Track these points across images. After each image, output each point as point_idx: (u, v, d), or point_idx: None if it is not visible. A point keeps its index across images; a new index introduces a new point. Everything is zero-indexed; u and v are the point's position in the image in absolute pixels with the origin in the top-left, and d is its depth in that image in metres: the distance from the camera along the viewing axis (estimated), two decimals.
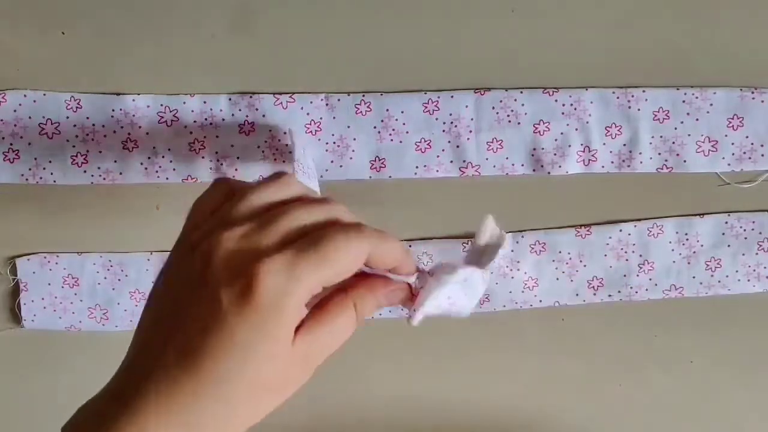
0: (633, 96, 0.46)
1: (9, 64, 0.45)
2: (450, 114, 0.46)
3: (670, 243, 0.48)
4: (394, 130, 0.46)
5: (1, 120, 0.44)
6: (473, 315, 0.35)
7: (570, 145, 0.46)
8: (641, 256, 0.48)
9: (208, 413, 0.26)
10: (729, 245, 0.48)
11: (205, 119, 0.45)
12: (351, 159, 0.46)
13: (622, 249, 0.48)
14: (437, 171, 0.47)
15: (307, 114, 0.46)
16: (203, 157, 0.46)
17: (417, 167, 0.46)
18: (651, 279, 0.49)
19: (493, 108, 0.46)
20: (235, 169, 0.46)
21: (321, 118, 0.46)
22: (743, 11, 0.46)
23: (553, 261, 0.48)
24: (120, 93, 0.45)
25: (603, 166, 0.47)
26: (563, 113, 0.46)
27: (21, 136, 0.45)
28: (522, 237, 0.48)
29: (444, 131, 0.46)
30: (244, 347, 0.26)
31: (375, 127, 0.46)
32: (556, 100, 0.46)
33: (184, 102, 0.45)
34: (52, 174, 0.45)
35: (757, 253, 0.49)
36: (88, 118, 0.45)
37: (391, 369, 0.50)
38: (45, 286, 0.47)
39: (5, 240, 0.47)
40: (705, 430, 0.52)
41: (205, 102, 0.45)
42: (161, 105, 0.45)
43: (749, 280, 0.49)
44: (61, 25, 0.44)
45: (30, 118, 0.45)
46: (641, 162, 0.47)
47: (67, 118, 0.45)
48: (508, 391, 0.50)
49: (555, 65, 0.46)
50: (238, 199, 0.28)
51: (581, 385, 0.50)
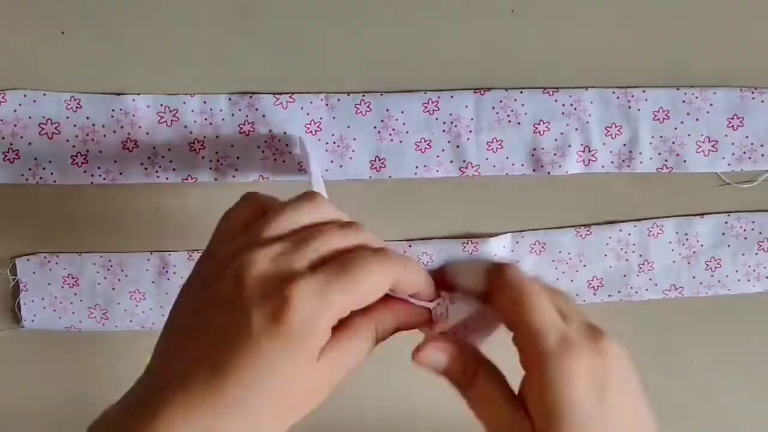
0: (633, 96, 0.46)
1: (9, 64, 0.45)
2: (450, 114, 0.46)
3: (670, 243, 0.48)
4: (394, 130, 0.46)
5: (1, 120, 0.44)
6: None
7: (570, 145, 0.46)
8: (641, 256, 0.48)
9: (232, 429, 0.26)
10: (729, 245, 0.48)
11: (205, 119, 0.45)
12: (351, 159, 0.46)
13: (622, 249, 0.48)
14: (437, 171, 0.47)
15: (307, 114, 0.46)
16: (203, 157, 0.46)
17: (417, 167, 0.46)
18: (651, 279, 0.49)
19: (493, 108, 0.46)
20: (235, 169, 0.46)
21: (321, 118, 0.46)
22: (743, 11, 0.46)
23: (553, 261, 0.48)
24: (120, 93, 0.45)
25: (603, 166, 0.47)
26: (563, 113, 0.46)
27: (21, 136, 0.45)
28: (522, 237, 0.48)
29: (444, 131, 0.46)
30: (271, 367, 0.26)
31: (375, 127, 0.46)
32: (556, 100, 0.46)
33: (184, 102, 0.45)
34: (52, 174, 0.45)
35: (757, 253, 0.49)
36: (88, 118, 0.45)
37: (391, 369, 0.50)
38: (45, 286, 0.47)
39: (5, 240, 0.47)
40: (705, 430, 0.51)
41: (205, 102, 0.45)
42: (161, 105, 0.45)
43: (749, 280, 0.49)
44: (61, 25, 0.44)
45: (30, 118, 0.45)
46: (641, 162, 0.47)
47: (67, 118, 0.45)
48: None
49: (555, 65, 0.46)
50: (270, 218, 0.29)
51: None
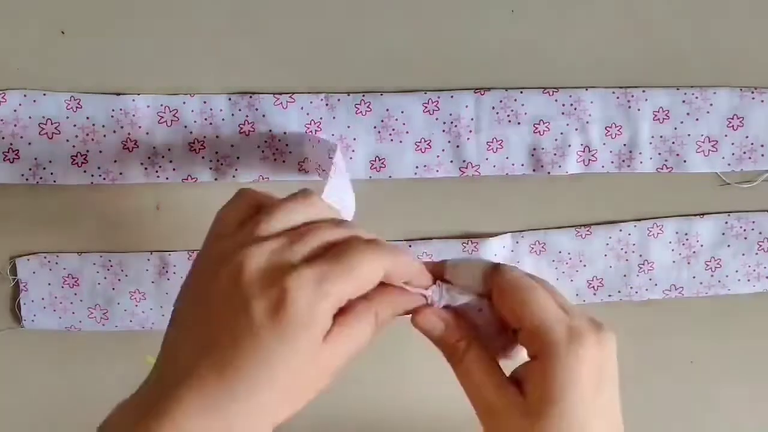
0: (633, 96, 0.46)
1: (9, 64, 0.45)
2: (450, 114, 0.46)
3: (670, 243, 0.48)
4: (394, 130, 0.46)
5: (1, 120, 0.44)
6: None
7: (570, 145, 0.46)
8: (641, 256, 0.48)
9: (238, 417, 0.27)
10: (729, 245, 0.48)
11: (205, 119, 0.45)
12: (351, 159, 0.46)
13: (622, 249, 0.48)
14: (437, 171, 0.47)
15: (307, 114, 0.46)
16: (203, 157, 0.46)
17: (417, 167, 0.46)
18: (651, 279, 0.49)
19: (493, 108, 0.46)
20: (235, 169, 0.46)
21: (321, 118, 0.46)
22: (743, 11, 0.46)
23: (553, 261, 0.48)
24: (120, 93, 0.45)
25: (603, 166, 0.47)
26: (563, 113, 0.46)
27: (21, 136, 0.45)
28: (522, 237, 0.48)
29: (444, 131, 0.46)
30: (274, 358, 0.27)
31: (375, 127, 0.46)
32: (556, 100, 0.46)
33: (184, 102, 0.45)
34: (52, 174, 0.45)
35: (757, 253, 0.49)
36: (88, 118, 0.45)
37: (391, 369, 0.50)
38: (45, 286, 0.47)
39: (5, 240, 0.47)
40: (705, 430, 0.51)
41: (205, 102, 0.45)
42: (161, 105, 0.45)
43: (749, 280, 0.49)
44: (61, 25, 0.44)
45: (30, 118, 0.45)
46: (641, 162, 0.47)
47: (67, 118, 0.45)
48: None
49: (555, 65, 0.46)
50: (266, 215, 0.30)
51: None
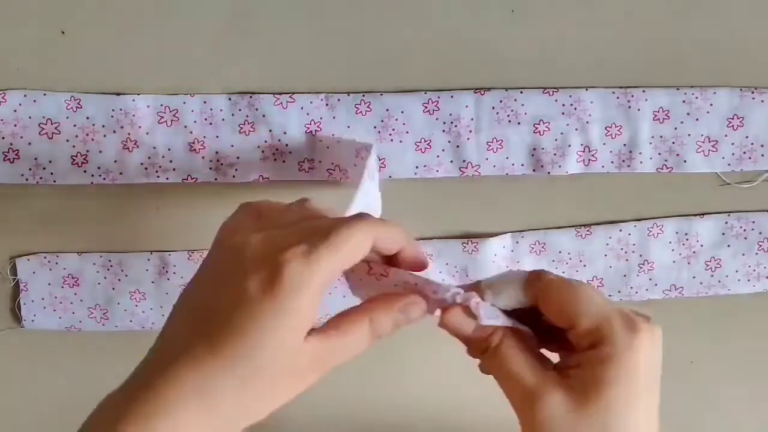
0: (633, 96, 0.46)
1: (9, 64, 0.45)
2: (450, 114, 0.46)
3: (670, 243, 0.48)
4: (394, 130, 0.46)
5: (1, 120, 0.44)
6: None
7: (570, 145, 0.46)
8: (641, 256, 0.48)
9: (227, 391, 0.28)
10: (729, 245, 0.48)
11: (205, 119, 0.45)
12: None
13: (622, 249, 0.48)
14: (437, 171, 0.47)
15: (307, 114, 0.46)
16: (203, 157, 0.46)
17: (417, 167, 0.46)
18: (651, 279, 0.49)
19: (493, 108, 0.46)
20: (235, 169, 0.46)
21: (321, 118, 0.46)
22: (743, 11, 0.46)
23: (553, 261, 0.48)
24: (120, 93, 0.45)
25: (603, 166, 0.47)
26: (563, 113, 0.46)
27: (21, 136, 0.45)
28: (522, 237, 0.48)
29: (444, 131, 0.46)
30: (262, 329, 0.28)
31: (375, 127, 0.46)
32: (556, 100, 0.46)
33: (184, 102, 0.45)
34: (52, 174, 0.45)
35: (757, 253, 0.49)
36: (88, 118, 0.45)
37: (391, 369, 0.50)
38: (45, 286, 0.47)
39: (5, 240, 0.47)
40: (705, 430, 0.51)
41: (205, 102, 0.45)
42: (161, 105, 0.45)
43: (749, 280, 0.49)
44: (61, 25, 0.44)
45: (30, 118, 0.45)
46: (641, 162, 0.47)
47: (67, 118, 0.45)
48: None
49: (555, 65, 0.46)
50: (266, 216, 0.32)
51: None
